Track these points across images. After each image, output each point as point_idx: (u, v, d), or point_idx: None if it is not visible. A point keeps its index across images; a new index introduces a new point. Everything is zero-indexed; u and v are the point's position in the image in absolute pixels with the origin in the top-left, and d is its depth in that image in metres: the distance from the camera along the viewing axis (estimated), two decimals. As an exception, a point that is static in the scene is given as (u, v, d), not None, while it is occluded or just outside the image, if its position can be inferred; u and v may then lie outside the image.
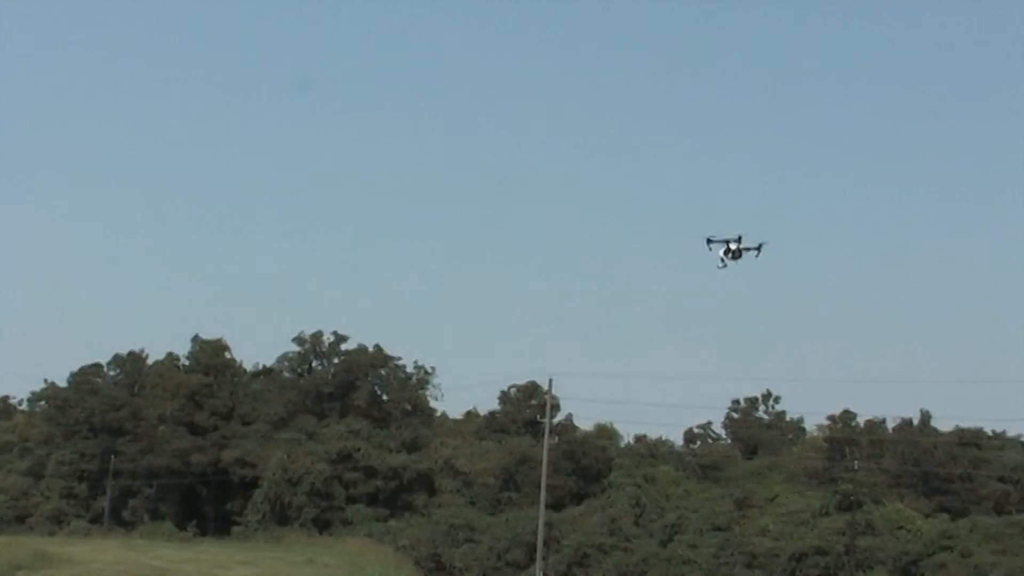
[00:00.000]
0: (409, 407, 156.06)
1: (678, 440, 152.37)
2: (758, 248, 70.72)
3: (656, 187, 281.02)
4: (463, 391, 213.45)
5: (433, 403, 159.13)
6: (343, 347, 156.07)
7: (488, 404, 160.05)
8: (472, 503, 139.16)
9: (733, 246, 70.78)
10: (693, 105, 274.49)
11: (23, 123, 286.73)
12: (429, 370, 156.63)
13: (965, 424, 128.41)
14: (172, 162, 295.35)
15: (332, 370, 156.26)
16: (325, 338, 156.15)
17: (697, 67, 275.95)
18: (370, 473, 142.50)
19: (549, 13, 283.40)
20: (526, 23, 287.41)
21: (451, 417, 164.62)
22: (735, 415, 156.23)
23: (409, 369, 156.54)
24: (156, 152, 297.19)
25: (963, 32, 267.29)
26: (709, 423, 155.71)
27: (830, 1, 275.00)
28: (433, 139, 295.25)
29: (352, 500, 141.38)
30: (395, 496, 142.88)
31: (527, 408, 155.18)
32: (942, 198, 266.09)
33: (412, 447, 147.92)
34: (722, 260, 70.88)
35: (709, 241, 71.47)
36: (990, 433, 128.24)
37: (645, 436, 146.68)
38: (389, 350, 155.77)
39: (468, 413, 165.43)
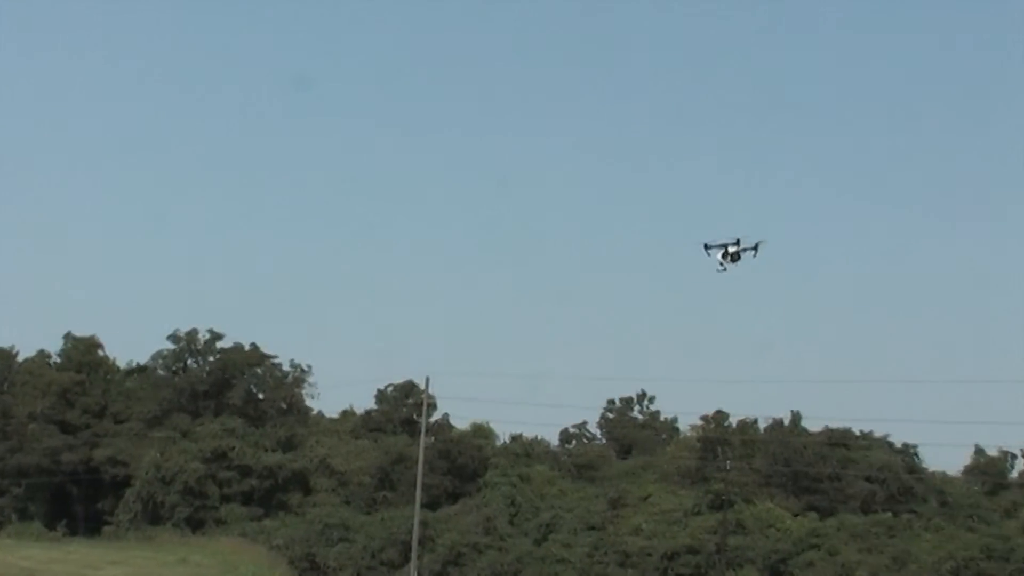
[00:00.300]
0: (285, 406, 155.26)
1: (554, 440, 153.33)
2: (755, 248, 71.00)
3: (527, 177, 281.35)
4: (339, 390, 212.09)
5: (309, 402, 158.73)
6: (219, 345, 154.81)
7: (365, 403, 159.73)
8: (347, 502, 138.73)
9: (732, 249, 70.95)
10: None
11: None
12: (305, 368, 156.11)
13: (834, 424, 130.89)
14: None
15: (207, 368, 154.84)
16: (200, 336, 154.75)
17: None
18: (245, 472, 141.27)
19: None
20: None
21: (327, 416, 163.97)
22: (610, 415, 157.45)
23: (285, 368, 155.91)
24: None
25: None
26: (584, 423, 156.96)
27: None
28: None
29: (226, 499, 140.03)
30: (270, 495, 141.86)
31: (404, 407, 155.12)
32: (789, 192, 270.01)
33: (287, 446, 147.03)
34: (721, 263, 71.05)
35: (707, 247, 71.62)
36: (858, 433, 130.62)
37: (521, 435, 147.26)
38: (265, 348, 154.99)
39: (344, 412, 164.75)
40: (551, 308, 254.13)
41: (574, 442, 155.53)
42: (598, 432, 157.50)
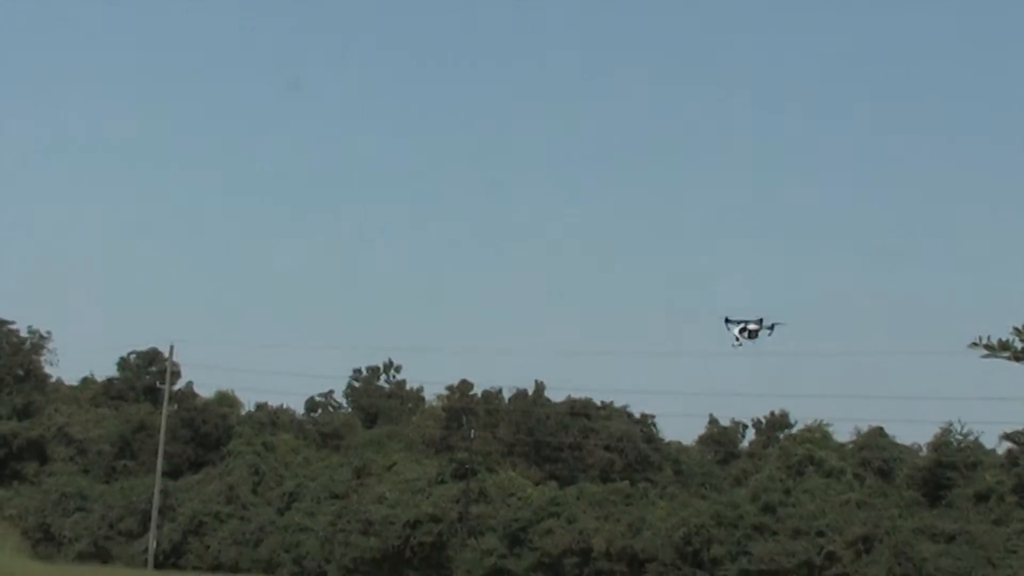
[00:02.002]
0: (22, 373, 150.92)
1: (299, 408, 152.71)
2: (771, 328, 71.70)
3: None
4: (80, 357, 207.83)
5: (48, 369, 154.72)
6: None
7: (106, 371, 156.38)
8: (86, 471, 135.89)
9: (752, 327, 71.40)
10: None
11: None
12: (44, 335, 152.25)
13: (576, 395, 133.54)
14: None
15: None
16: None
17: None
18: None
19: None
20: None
21: (67, 383, 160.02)
22: (356, 384, 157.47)
23: (23, 334, 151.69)
24: None
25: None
26: (331, 392, 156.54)
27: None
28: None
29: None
30: (3, 464, 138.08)
31: (147, 375, 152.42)
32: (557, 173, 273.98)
33: (24, 414, 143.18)
34: (737, 339, 71.47)
35: (727, 321, 72.05)
36: (599, 404, 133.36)
37: (266, 404, 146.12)
38: (1, 314, 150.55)
39: (85, 379, 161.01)
40: (299, 276, 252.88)
41: (320, 411, 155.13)
42: (344, 401, 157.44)
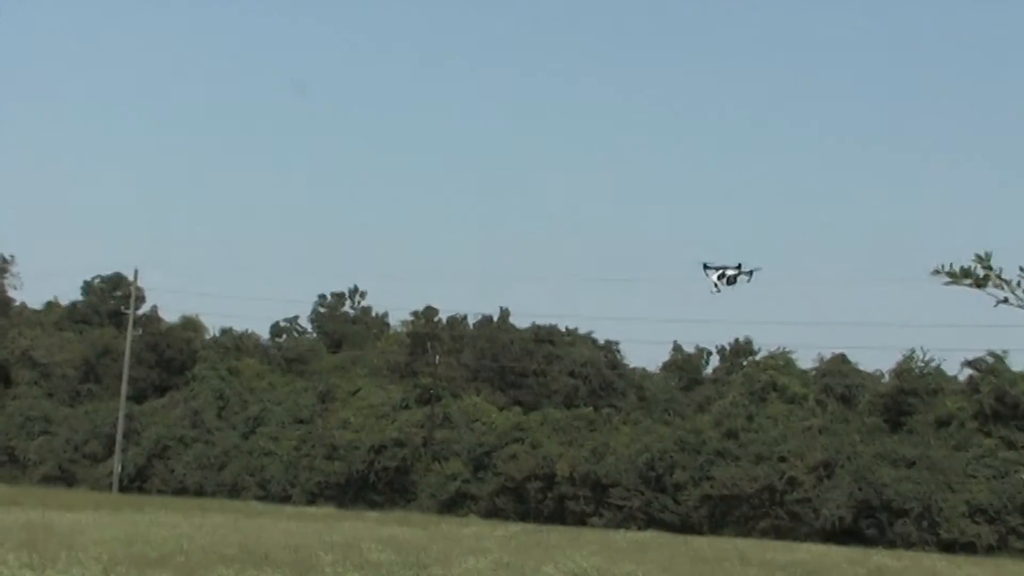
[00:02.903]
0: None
1: (264, 334, 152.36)
2: (750, 273, 71.17)
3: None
4: (45, 281, 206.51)
5: (12, 293, 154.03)
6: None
7: (71, 295, 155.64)
8: (50, 395, 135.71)
9: (731, 273, 70.83)
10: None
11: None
12: (8, 258, 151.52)
13: (541, 321, 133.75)
14: None
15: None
16: None
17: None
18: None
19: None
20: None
21: (31, 307, 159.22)
22: (322, 310, 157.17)
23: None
24: None
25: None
26: (296, 317, 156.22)
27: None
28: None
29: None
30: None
31: (111, 299, 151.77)
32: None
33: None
34: (716, 286, 70.91)
35: (705, 267, 71.41)
36: (563, 330, 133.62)
37: (231, 329, 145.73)
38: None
39: (49, 303, 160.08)
40: (264, 198, 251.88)
41: (285, 336, 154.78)
42: (309, 326, 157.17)
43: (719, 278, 71.44)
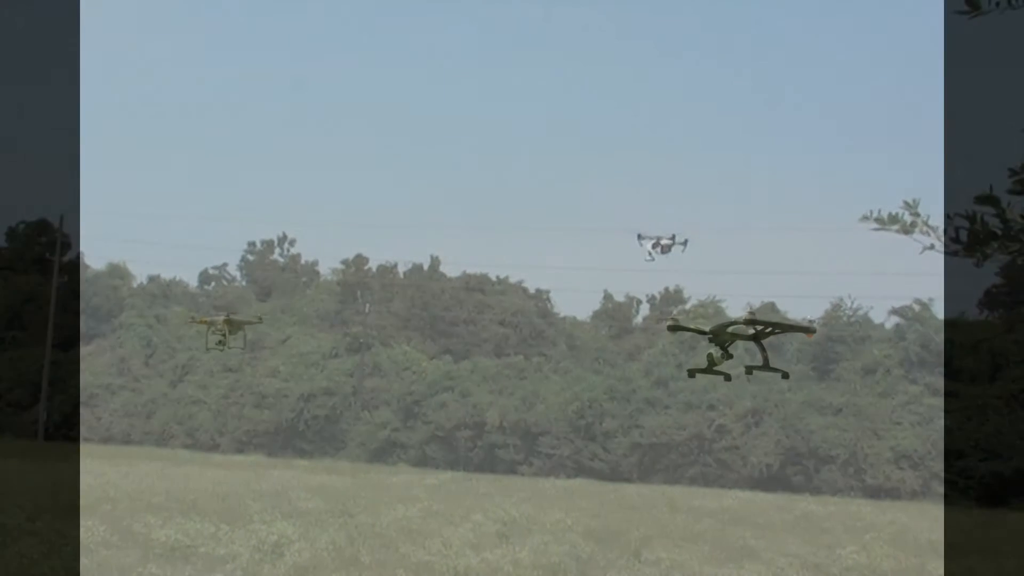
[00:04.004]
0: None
1: (193, 282, 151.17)
2: (685, 243, 71.13)
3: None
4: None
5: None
6: None
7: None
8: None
9: (666, 242, 70.65)
10: None
11: None
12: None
13: (471, 271, 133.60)
14: None
15: None
16: None
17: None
18: None
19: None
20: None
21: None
22: (251, 257, 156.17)
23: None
24: None
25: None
26: (224, 265, 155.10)
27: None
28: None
29: None
30: None
31: (36, 246, 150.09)
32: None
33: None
34: (650, 254, 70.60)
35: (640, 237, 71.11)
36: (494, 279, 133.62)
37: (159, 276, 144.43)
38: None
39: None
40: (191, 149, 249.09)
41: (213, 284, 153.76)
42: (238, 274, 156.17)
43: (653, 247, 71.90)
